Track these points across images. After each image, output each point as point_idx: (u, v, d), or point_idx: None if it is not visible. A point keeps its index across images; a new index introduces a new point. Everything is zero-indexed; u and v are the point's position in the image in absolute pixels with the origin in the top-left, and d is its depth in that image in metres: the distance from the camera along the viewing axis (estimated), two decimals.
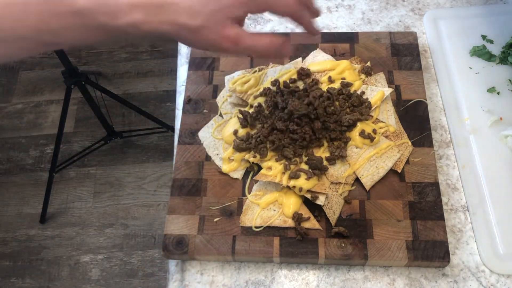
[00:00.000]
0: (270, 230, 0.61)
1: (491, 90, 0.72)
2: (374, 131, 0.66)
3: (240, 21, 0.50)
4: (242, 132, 0.67)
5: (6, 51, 0.47)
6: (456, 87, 0.73)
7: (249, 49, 0.50)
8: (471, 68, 0.75)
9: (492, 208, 0.63)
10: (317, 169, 0.62)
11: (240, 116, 0.68)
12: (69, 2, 0.44)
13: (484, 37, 0.78)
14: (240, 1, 0.48)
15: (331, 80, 0.70)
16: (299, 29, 0.82)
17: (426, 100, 0.70)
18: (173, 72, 2.02)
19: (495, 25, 0.79)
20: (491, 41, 0.77)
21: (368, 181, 0.63)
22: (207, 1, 0.47)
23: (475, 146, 0.68)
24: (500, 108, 0.70)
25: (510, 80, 0.73)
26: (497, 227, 0.62)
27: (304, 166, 0.63)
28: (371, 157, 0.65)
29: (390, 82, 0.72)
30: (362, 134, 0.65)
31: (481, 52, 0.76)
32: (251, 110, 0.69)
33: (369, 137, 0.65)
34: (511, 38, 0.76)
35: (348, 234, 0.60)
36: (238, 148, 0.66)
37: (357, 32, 0.78)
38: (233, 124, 0.69)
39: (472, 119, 0.70)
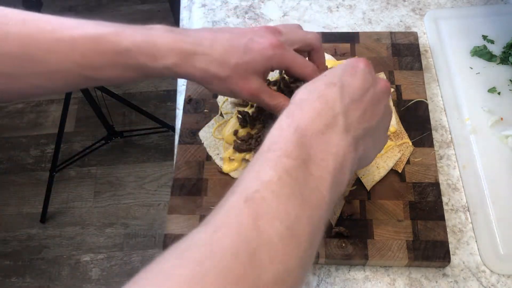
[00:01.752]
0: None
1: (491, 90, 0.72)
2: None
3: (264, 74, 0.54)
4: (242, 132, 0.67)
5: (46, 83, 0.49)
6: (457, 87, 0.73)
7: (265, 106, 0.55)
8: (471, 68, 0.75)
9: (493, 208, 0.63)
10: None
11: (239, 116, 0.68)
12: (114, 43, 0.49)
13: (485, 37, 0.77)
14: (264, 57, 0.52)
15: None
16: None
17: (426, 100, 0.70)
18: None
19: (496, 25, 0.79)
20: (492, 41, 0.77)
21: (369, 181, 0.63)
22: (233, 54, 0.51)
23: (475, 146, 0.68)
24: (501, 108, 0.70)
25: (510, 80, 0.73)
26: (497, 227, 0.62)
27: None
28: None
29: (390, 82, 0.72)
30: None
31: (481, 52, 0.76)
32: (251, 110, 0.69)
33: None
34: None
35: (349, 234, 0.60)
36: (238, 149, 0.66)
37: (358, 32, 0.78)
38: (234, 124, 0.69)
39: (472, 119, 0.70)
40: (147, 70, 0.51)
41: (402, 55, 0.75)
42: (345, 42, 0.77)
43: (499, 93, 0.72)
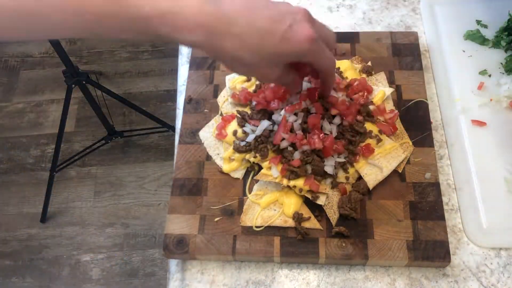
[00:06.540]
0: (271, 230, 0.62)
1: (482, 72, 0.73)
2: (381, 131, 0.66)
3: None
4: (241, 132, 0.67)
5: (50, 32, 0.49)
6: (449, 69, 0.74)
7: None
8: (464, 51, 0.76)
9: (478, 184, 0.64)
10: (319, 175, 0.62)
11: (238, 116, 0.68)
12: (134, 9, 0.44)
13: (478, 21, 0.78)
14: (299, 51, 0.49)
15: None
16: None
17: (427, 100, 0.70)
18: (174, 71, 2.02)
19: (490, 10, 0.79)
20: (485, 26, 0.78)
21: (371, 180, 0.63)
22: (269, 42, 0.48)
23: (464, 125, 0.69)
24: (491, 89, 0.72)
25: (501, 63, 0.74)
26: (481, 202, 0.63)
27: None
28: (374, 157, 0.64)
29: (391, 82, 0.72)
30: (368, 134, 0.65)
31: (474, 36, 0.77)
32: (249, 111, 0.69)
33: (376, 138, 0.65)
34: (505, 22, 0.77)
35: (349, 234, 0.60)
36: (238, 149, 0.66)
37: (358, 32, 0.78)
38: (234, 123, 0.69)
39: (463, 100, 0.71)
40: (163, 39, 0.47)
41: (402, 55, 0.75)
42: (345, 42, 0.77)
43: (490, 76, 0.73)
